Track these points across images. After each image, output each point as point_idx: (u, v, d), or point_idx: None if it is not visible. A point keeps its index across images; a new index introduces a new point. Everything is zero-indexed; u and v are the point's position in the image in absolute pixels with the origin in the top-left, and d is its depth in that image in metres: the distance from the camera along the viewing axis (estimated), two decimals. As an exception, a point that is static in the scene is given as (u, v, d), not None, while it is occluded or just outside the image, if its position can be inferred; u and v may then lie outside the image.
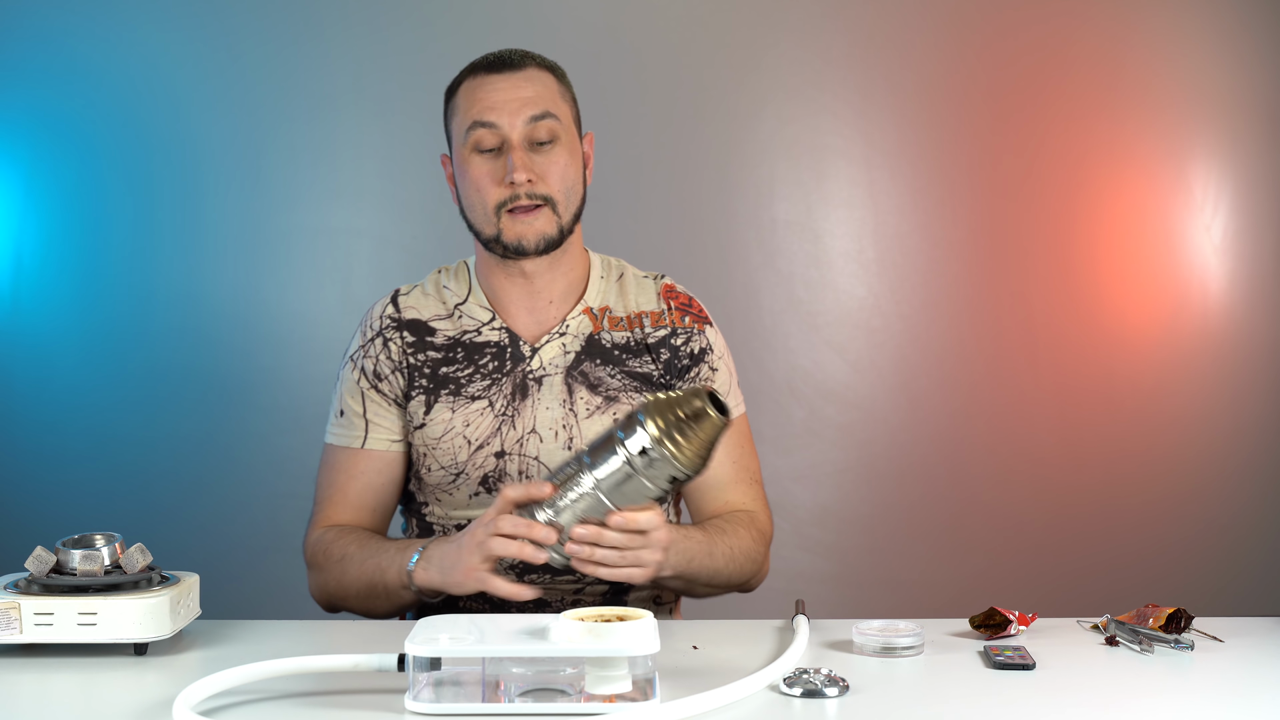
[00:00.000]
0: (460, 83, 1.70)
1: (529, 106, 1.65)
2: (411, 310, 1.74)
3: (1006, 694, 1.25)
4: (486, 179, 1.65)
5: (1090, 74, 3.04)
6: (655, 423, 1.36)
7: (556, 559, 1.45)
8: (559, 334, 1.71)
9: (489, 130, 1.65)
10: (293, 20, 2.95)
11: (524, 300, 1.72)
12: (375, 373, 1.72)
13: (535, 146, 1.65)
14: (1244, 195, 3.07)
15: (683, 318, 1.75)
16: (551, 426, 1.68)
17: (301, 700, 1.22)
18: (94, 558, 1.39)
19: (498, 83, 1.66)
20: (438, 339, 1.72)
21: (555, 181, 1.66)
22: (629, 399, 1.70)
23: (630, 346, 1.72)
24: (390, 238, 2.99)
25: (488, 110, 1.65)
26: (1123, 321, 3.06)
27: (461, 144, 1.67)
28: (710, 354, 1.76)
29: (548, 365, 1.70)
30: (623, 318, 1.74)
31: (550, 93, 1.68)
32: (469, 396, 1.69)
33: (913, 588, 3.03)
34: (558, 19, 2.97)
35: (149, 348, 2.94)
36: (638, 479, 1.38)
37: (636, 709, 1.14)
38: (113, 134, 2.93)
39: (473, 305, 1.73)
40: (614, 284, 1.77)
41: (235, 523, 2.94)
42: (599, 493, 1.40)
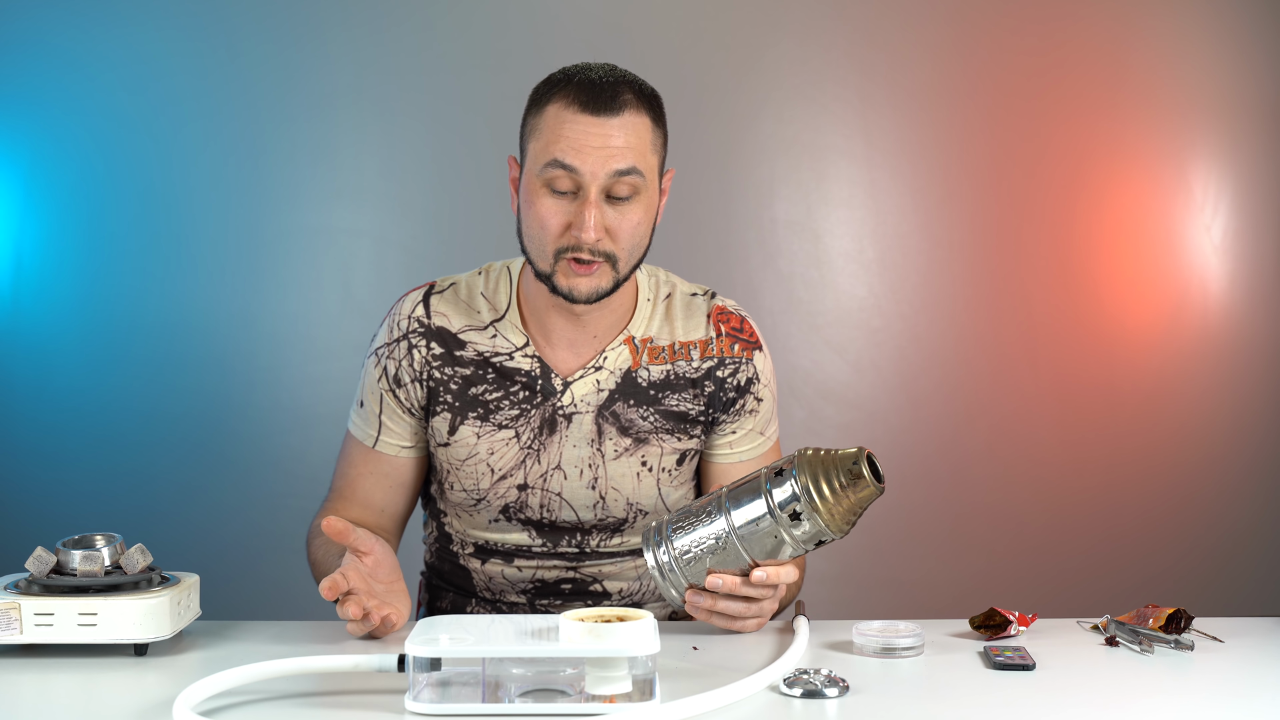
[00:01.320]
0: (550, 99, 1.55)
1: (616, 160, 1.52)
2: (441, 317, 1.66)
3: (1006, 694, 1.25)
4: (553, 219, 1.54)
5: (1090, 74, 3.04)
6: (809, 482, 1.32)
7: (674, 598, 1.41)
8: (594, 368, 1.64)
9: (568, 174, 1.52)
10: (293, 20, 2.95)
11: (566, 332, 1.63)
12: (395, 377, 1.66)
13: (611, 200, 1.54)
14: (1244, 195, 3.07)
15: (732, 345, 1.67)
16: (577, 465, 1.64)
17: (301, 700, 1.22)
18: (94, 558, 1.38)
19: (589, 126, 1.52)
20: (467, 353, 1.64)
21: (624, 240, 1.55)
22: (659, 441, 1.64)
23: (670, 382, 1.65)
24: (390, 238, 2.99)
25: (571, 153, 1.52)
26: (1123, 321, 3.06)
27: (535, 173, 1.55)
28: (757, 384, 1.68)
29: (579, 402, 1.63)
30: (664, 348, 1.66)
31: (642, 143, 1.55)
32: (496, 425, 1.63)
33: (913, 588, 3.03)
34: (558, 19, 2.97)
35: (149, 348, 2.94)
36: (780, 536, 1.34)
37: (636, 709, 1.14)
38: (113, 134, 2.93)
39: (508, 325, 1.65)
40: (660, 307, 1.68)
41: (235, 523, 2.94)
42: (736, 543, 1.36)
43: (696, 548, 1.38)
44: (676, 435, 1.65)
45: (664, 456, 1.65)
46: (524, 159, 1.60)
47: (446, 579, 1.75)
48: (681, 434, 1.66)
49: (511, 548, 1.68)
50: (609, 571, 1.69)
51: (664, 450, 1.65)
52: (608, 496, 1.65)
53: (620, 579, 1.70)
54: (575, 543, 1.67)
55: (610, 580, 1.69)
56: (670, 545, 1.39)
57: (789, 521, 1.33)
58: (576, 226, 1.53)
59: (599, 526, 1.66)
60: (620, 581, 1.70)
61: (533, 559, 1.68)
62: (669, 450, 1.65)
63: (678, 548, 1.39)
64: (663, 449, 1.65)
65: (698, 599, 1.40)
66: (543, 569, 1.68)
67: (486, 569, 1.70)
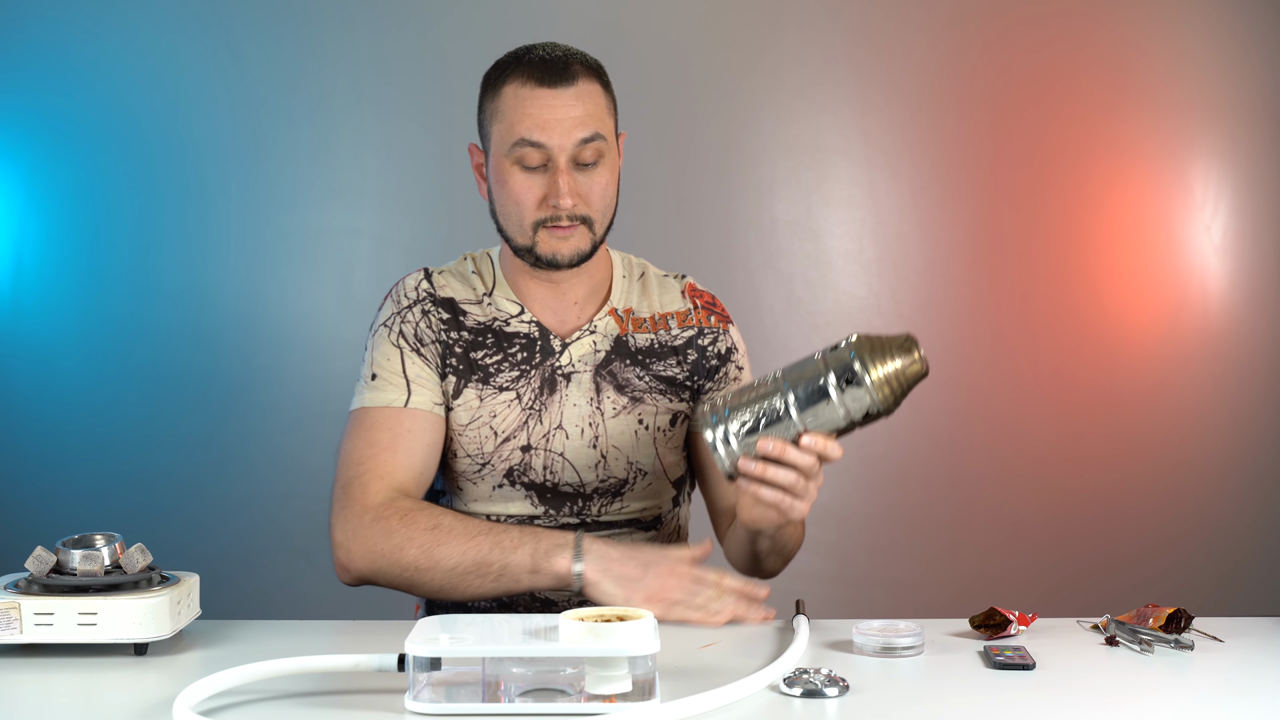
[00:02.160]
0: (505, 81, 1.63)
1: (579, 128, 1.60)
2: (445, 289, 1.72)
3: (1006, 694, 1.25)
4: (527, 194, 1.62)
5: (1091, 74, 3.04)
6: (865, 354, 1.38)
7: (725, 466, 1.45)
8: (589, 331, 1.71)
9: (536, 150, 1.60)
10: (293, 20, 2.95)
11: (549, 300, 1.71)
12: (417, 337, 1.68)
13: (579, 166, 1.62)
14: (1244, 195, 3.07)
15: (708, 316, 1.77)
16: (578, 424, 1.68)
17: (301, 700, 1.22)
18: (94, 558, 1.38)
19: (549, 100, 1.60)
20: (468, 321, 1.70)
21: (596, 201, 1.63)
22: (654, 401, 1.71)
23: (655, 350, 1.73)
24: (390, 238, 2.99)
25: (537, 129, 1.59)
26: (1123, 321, 3.06)
27: (503, 153, 1.62)
28: (735, 353, 1.77)
29: (577, 362, 1.70)
30: (646, 319, 1.74)
31: (599, 109, 1.63)
32: (497, 386, 1.68)
33: (913, 588, 3.03)
34: (558, 19, 2.97)
35: (149, 347, 2.94)
36: (833, 405, 1.39)
37: (636, 709, 1.14)
38: (113, 134, 2.93)
39: (500, 298, 1.72)
40: (636, 284, 1.77)
41: (235, 523, 2.94)
42: (792, 411, 1.41)
43: (754, 419, 1.43)
44: (668, 397, 1.72)
45: (658, 415, 1.71)
46: (488, 143, 1.67)
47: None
48: (673, 395, 1.72)
49: (512, 522, 1.68)
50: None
51: (658, 409, 1.71)
52: (608, 455, 1.69)
53: None
54: (576, 509, 1.69)
55: None
56: (727, 420, 1.44)
57: (844, 388, 1.38)
58: (552, 196, 1.61)
59: (600, 489, 1.70)
60: None
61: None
62: (663, 410, 1.72)
63: (736, 422, 1.44)
64: (657, 408, 1.71)
65: (749, 466, 1.44)
66: None
67: None
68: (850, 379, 1.38)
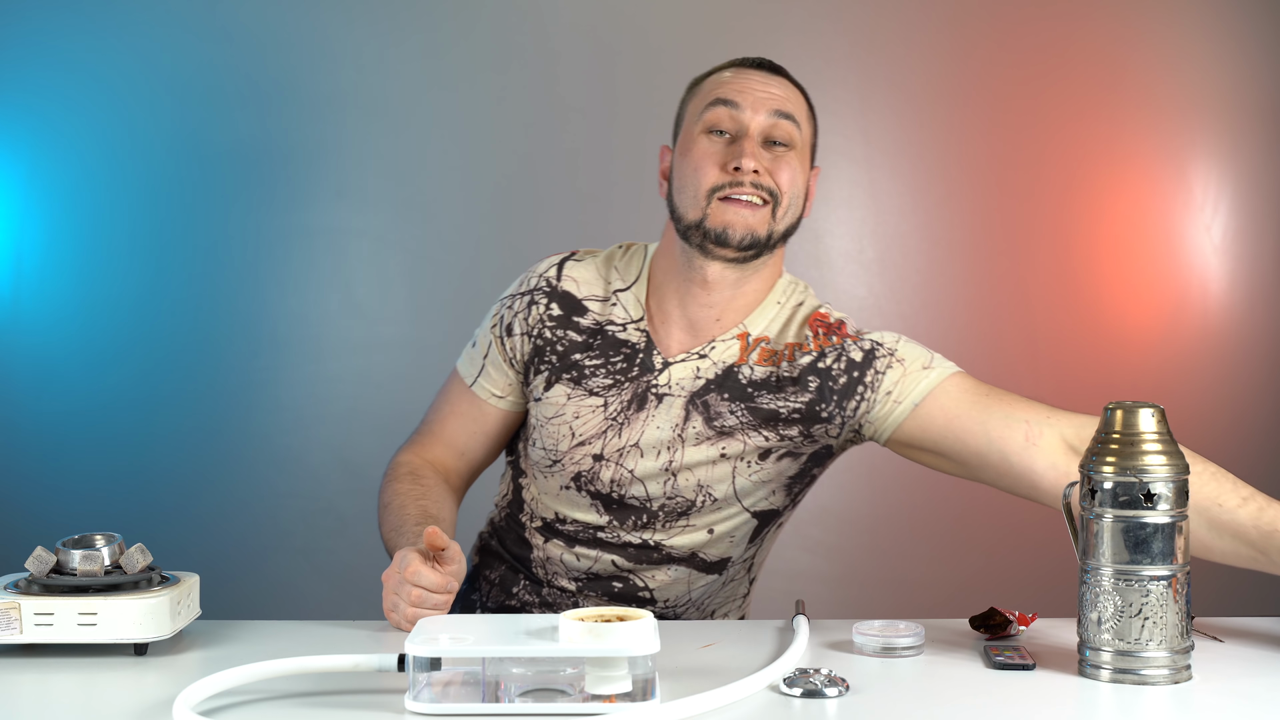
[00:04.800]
0: (709, 74, 1.66)
1: (775, 102, 1.60)
2: (570, 282, 1.68)
3: (1006, 694, 1.25)
4: (709, 160, 1.58)
5: (1090, 74, 3.04)
6: None
7: None
8: (699, 355, 1.63)
9: (729, 110, 1.59)
10: (294, 21, 2.95)
11: (688, 311, 1.63)
12: (508, 326, 1.69)
13: (769, 145, 1.59)
14: (1244, 195, 3.07)
15: (829, 336, 1.63)
16: (655, 446, 1.62)
17: (301, 700, 1.22)
18: (94, 558, 1.38)
19: (751, 75, 1.62)
20: (585, 321, 1.66)
21: (783, 181, 1.59)
22: (743, 436, 1.61)
23: (769, 382, 1.62)
24: (390, 238, 2.99)
25: (734, 92, 1.60)
26: (1123, 321, 3.06)
27: (694, 122, 1.61)
28: (880, 349, 1.61)
29: (674, 385, 1.62)
30: (773, 352, 1.63)
31: (799, 107, 1.63)
32: (587, 390, 1.64)
33: (913, 588, 3.03)
34: (558, 19, 2.98)
35: (149, 347, 2.94)
36: None
37: (636, 709, 1.14)
38: (113, 134, 2.93)
39: (630, 296, 1.66)
40: (786, 312, 1.66)
41: (236, 523, 2.94)
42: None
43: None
44: (763, 433, 1.62)
45: (745, 450, 1.62)
46: (680, 129, 1.66)
47: (506, 547, 1.75)
48: (770, 431, 1.62)
49: (576, 529, 1.67)
50: (662, 580, 1.67)
51: (746, 445, 1.62)
52: (679, 475, 1.63)
53: (670, 589, 1.68)
54: (641, 524, 1.65)
55: (661, 589, 1.68)
56: None
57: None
58: (735, 158, 1.56)
59: (665, 508, 1.64)
60: (670, 592, 1.68)
61: (594, 548, 1.67)
62: (750, 446, 1.62)
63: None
64: (745, 444, 1.62)
65: None
66: (600, 564, 1.67)
67: (547, 548, 1.70)
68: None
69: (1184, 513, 1.29)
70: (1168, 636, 1.26)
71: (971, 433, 1.57)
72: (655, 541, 1.66)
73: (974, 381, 1.61)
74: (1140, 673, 1.27)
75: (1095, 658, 1.29)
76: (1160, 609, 1.26)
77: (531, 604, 1.72)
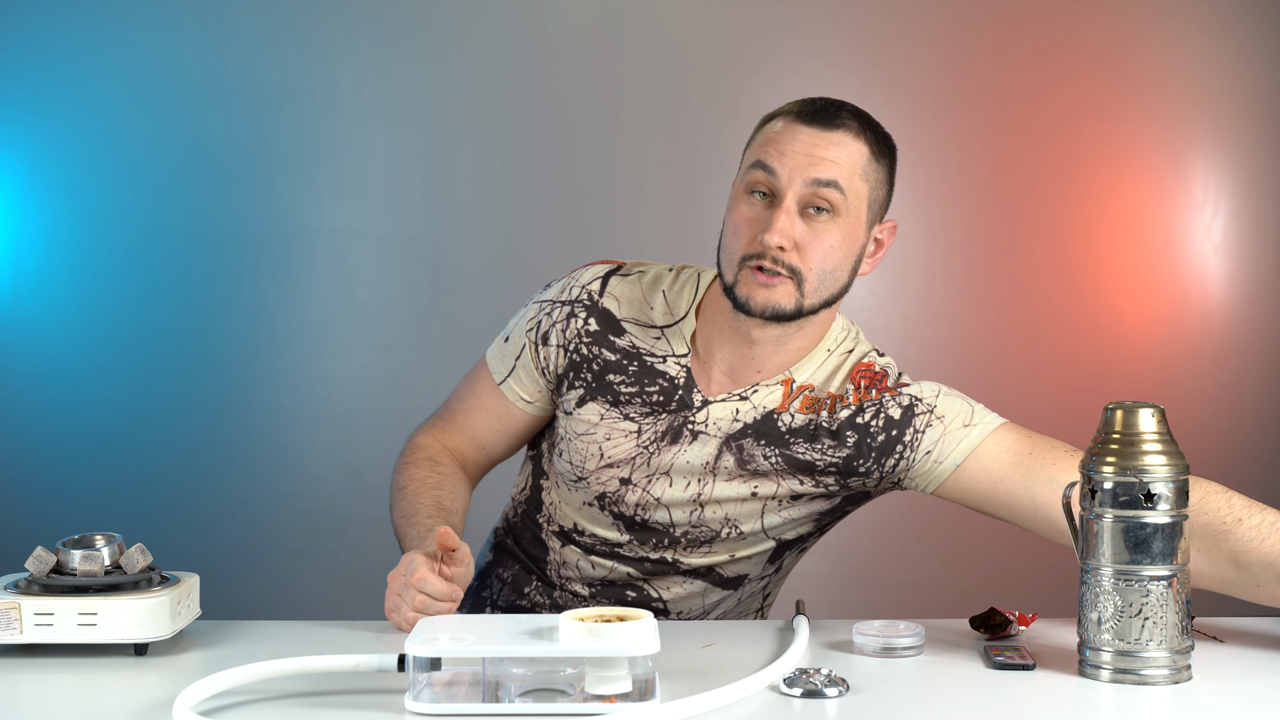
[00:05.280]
0: (773, 118, 1.57)
1: (817, 168, 1.49)
2: (612, 300, 1.63)
3: (1006, 694, 1.25)
4: (746, 224, 1.51)
5: (1091, 74, 3.04)
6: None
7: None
8: (740, 397, 1.58)
9: (766, 175, 1.50)
10: (294, 21, 2.95)
11: (733, 358, 1.59)
12: (544, 334, 1.64)
13: (808, 213, 1.50)
14: (1244, 195, 3.07)
15: (869, 390, 1.58)
16: (686, 478, 1.59)
17: (301, 700, 1.22)
18: (94, 558, 1.38)
19: (800, 132, 1.51)
20: (621, 342, 1.62)
21: (813, 259, 1.50)
22: (776, 479, 1.58)
23: (807, 431, 1.57)
24: (390, 238, 2.99)
25: (775, 155, 1.50)
26: (1123, 321, 3.06)
27: (740, 179, 1.55)
28: (919, 405, 1.57)
29: (711, 425, 1.58)
30: (816, 400, 1.59)
31: (852, 164, 1.51)
32: (623, 414, 1.60)
33: (913, 588, 3.03)
34: (558, 22, 2.97)
35: (149, 347, 2.94)
36: None
37: (636, 709, 1.14)
38: (112, 134, 2.93)
39: (677, 333, 1.61)
40: (835, 359, 1.61)
41: (235, 523, 2.94)
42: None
43: None
44: (798, 479, 1.59)
45: (778, 491, 1.59)
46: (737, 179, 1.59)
47: (522, 546, 1.74)
48: (805, 477, 1.59)
49: (594, 541, 1.66)
50: (677, 593, 1.66)
51: (779, 487, 1.59)
52: (707, 508, 1.61)
53: (685, 602, 1.67)
54: (662, 545, 1.63)
55: (675, 601, 1.67)
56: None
57: None
58: (765, 229, 1.49)
59: (689, 536, 1.62)
60: (683, 605, 1.68)
61: (610, 559, 1.66)
62: (784, 489, 1.59)
63: None
64: (778, 486, 1.59)
65: None
66: (615, 574, 1.66)
67: (564, 552, 1.68)
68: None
69: (1184, 513, 1.29)
70: (1168, 636, 1.26)
71: (1016, 497, 1.55)
72: (674, 559, 1.65)
73: (1017, 436, 1.57)
74: (1140, 673, 1.27)
75: (1095, 658, 1.29)
76: (1160, 609, 1.26)
77: (542, 605, 1.71)
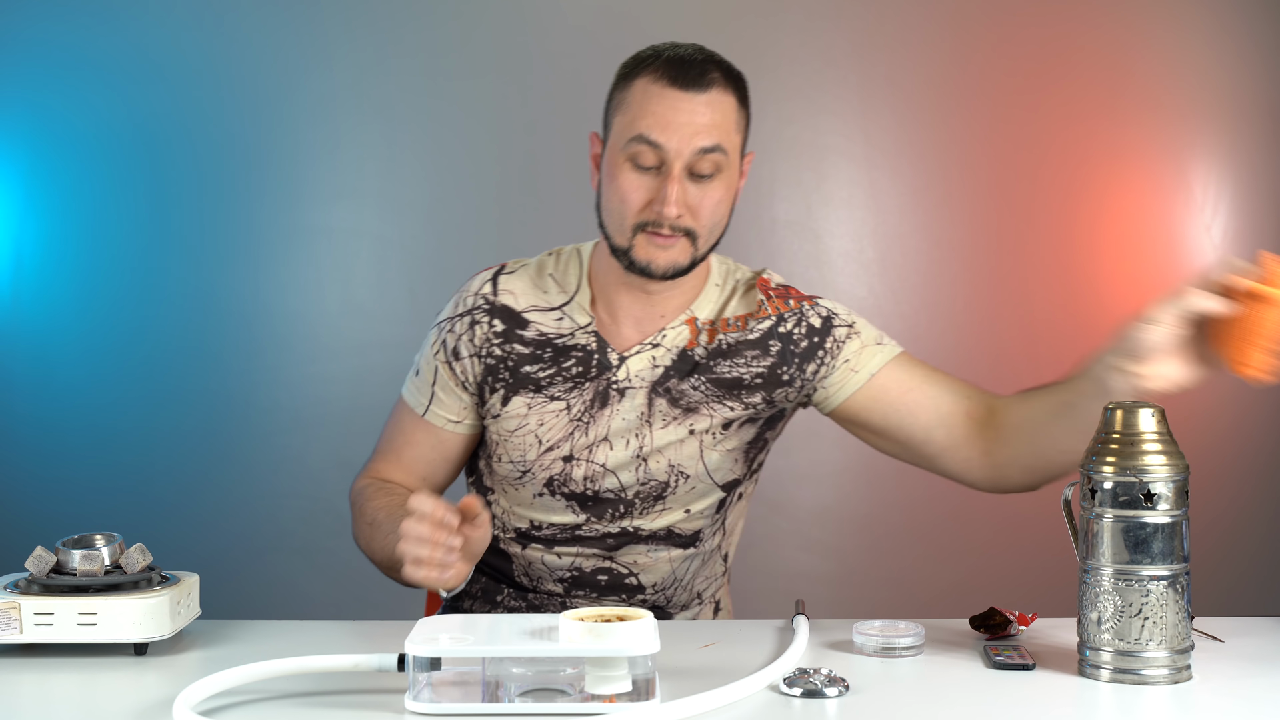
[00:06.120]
0: (638, 74, 1.57)
1: (701, 136, 1.54)
2: (508, 295, 1.67)
3: (1006, 694, 1.25)
4: (634, 194, 1.56)
5: (1091, 74, 3.04)
6: None
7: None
8: (652, 345, 1.65)
9: (652, 150, 1.54)
10: (294, 21, 2.95)
11: (634, 309, 1.65)
12: (454, 350, 1.67)
13: (694, 177, 1.56)
14: (1244, 195, 3.07)
15: (785, 300, 1.68)
16: (624, 435, 1.64)
17: (301, 700, 1.22)
18: (94, 558, 1.38)
19: (677, 101, 1.54)
20: (528, 333, 1.66)
21: (704, 217, 1.57)
22: (709, 410, 1.64)
23: (724, 350, 1.65)
24: (390, 238, 2.99)
25: (657, 128, 1.54)
26: (1123, 321, 3.06)
27: (619, 148, 1.57)
28: (837, 318, 1.67)
29: (634, 378, 1.64)
30: (719, 322, 1.67)
31: (727, 121, 1.57)
32: (548, 396, 1.65)
33: (913, 587, 3.03)
34: (557, 19, 2.97)
35: (149, 347, 2.94)
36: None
37: (636, 709, 1.14)
38: (113, 134, 2.93)
39: (576, 307, 1.67)
40: (726, 292, 1.70)
41: (236, 522, 2.95)
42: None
43: None
44: (727, 403, 1.65)
45: (712, 422, 1.65)
46: (608, 134, 1.61)
47: (485, 561, 1.75)
48: (733, 400, 1.65)
49: (554, 531, 1.68)
50: (644, 564, 1.69)
51: (713, 417, 1.65)
52: (650, 459, 1.65)
53: (654, 571, 1.70)
54: (618, 514, 1.67)
55: (645, 573, 1.70)
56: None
57: None
58: (658, 202, 1.55)
59: (641, 493, 1.66)
60: (654, 575, 1.70)
61: (573, 544, 1.68)
62: (717, 418, 1.65)
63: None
64: (712, 416, 1.65)
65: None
66: (581, 556, 1.69)
67: (526, 554, 1.71)
68: None
69: (1184, 513, 1.29)
70: (1168, 636, 1.26)
71: (923, 406, 1.65)
72: (634, 527, 1.68)
73: (919, 361, 1.70)
74: (1140, 673, 1.27)
75: (1095, 658, 1.29)
76: (1160, 609, 1.26)
77: (519, 609, 1.73)
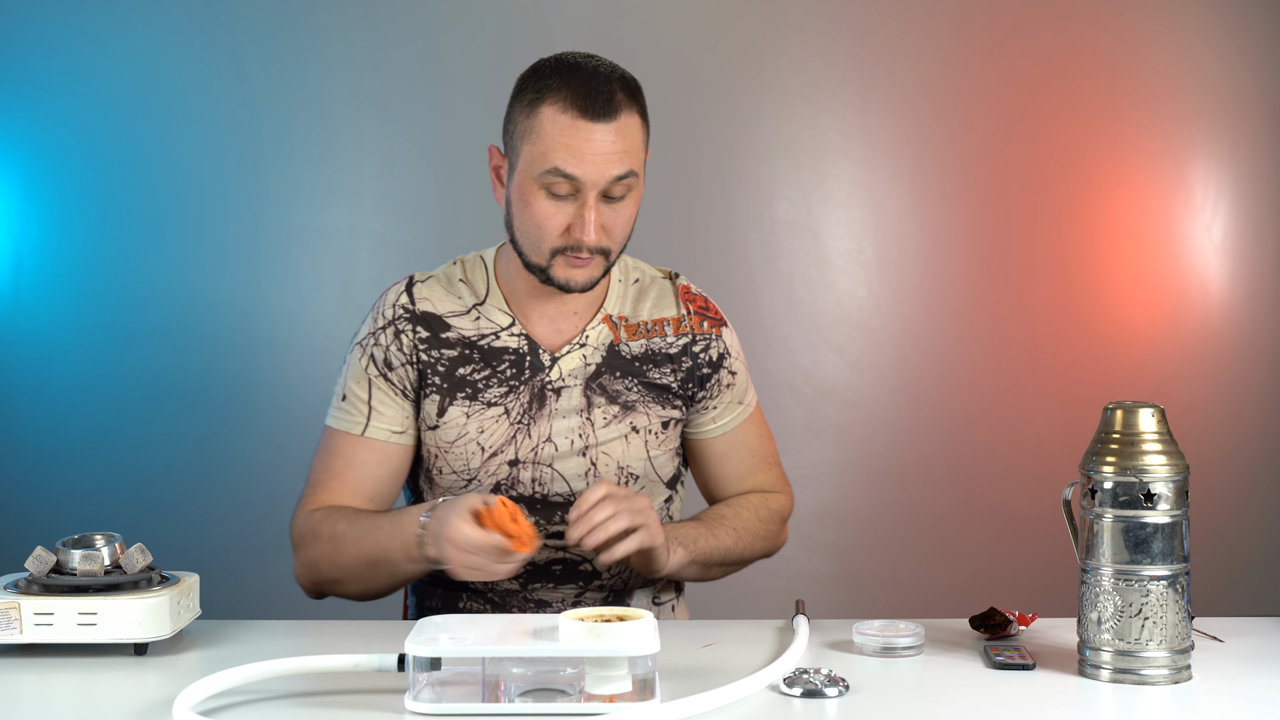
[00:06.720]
0: (544, 100, 1.57)
1: (614, 165, 1.56)
2: (426, 302, 1.69)
3: (1006, 694, 1.25)
4: (550, 222, 1.58)
5: (1091, 74, 3.04)
6: None
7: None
8: (579, 344, 1.68)
9: (567, 181, 1.56)
10: (293, 21, 2.95)
11: (547, 310, 1.68)
12: (386, 362, 1.67)
13: (607, 199, 1.59)
14: (1244, 195, 3.07)
15: (701, 322, 1.74)
16: (568, 435, 1.66)
17: (301, 700, 1.22)
18: (94, 558, 1.39)
19: (590, 134, 1.55)
20: (452, 335, 1.67)
21: (617, 234, 1.61)
22: (646, 408, 1.69)
23: (650, 356, 1.71)
24: (390, 238, 2.99)
25: (572, 161, 1.54)
26: (1123, 321, 3.06)
27: (532, 176, 1.57)
28: (728, 358, 1.75)
29: (567, 376, 1.67)
30: (639, 324, 1.72)
31: (636, 144, 1.59)
32: (485, 402, 1.66)
33: (913, 587, 3.03)
34: (557, 19, 2.97)
35: (149, 347, 2.94)
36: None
37: (636, 709, 1.14)
38: (112, 134, 2.93)
39: (491, 308, 1.69)
40: (632, 288, 1.74)
41: (235, 522, 2.94)
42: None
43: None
44: (660, 404, 1.71)
45: (651, 420, 1.70)
46: (515, 157, 1.60)
47: (434, 576, 1.74)
48: (665, 403, 1.71)
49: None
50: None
51: (650, 416, 1.70)
52: (599, 462, 1.68)
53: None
54: (568, 518, 1.65)
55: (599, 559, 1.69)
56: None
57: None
58: (577, 229, 1.57)
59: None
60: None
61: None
62: (654, 416, 1.71)
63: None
64: (649, 414, 1.70)
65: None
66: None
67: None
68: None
69: (1184, 513, 1.29)
70: (1168, 636, 1.26)
71: (722, 477, 1.78)
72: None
73: (756, 432, 1.80)
74: (1140, 673, 1.27)
75: (1095, 658, 1.29)
76: (1160, 609, 1.26)
77: (483, 610, 1.71)
